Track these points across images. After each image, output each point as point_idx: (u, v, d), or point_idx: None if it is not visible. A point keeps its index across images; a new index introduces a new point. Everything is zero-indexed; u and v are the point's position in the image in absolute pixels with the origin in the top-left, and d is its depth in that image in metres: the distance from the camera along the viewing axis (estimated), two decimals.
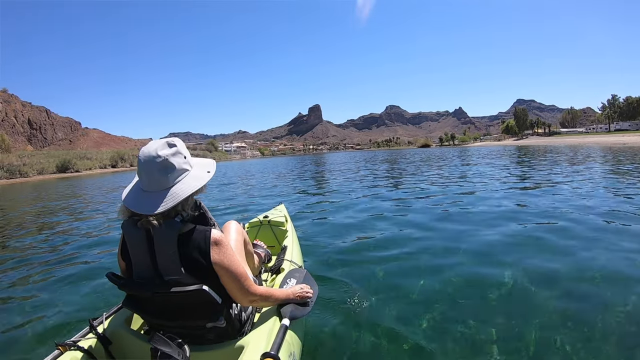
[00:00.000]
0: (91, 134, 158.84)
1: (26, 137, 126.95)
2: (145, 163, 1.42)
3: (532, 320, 2.55)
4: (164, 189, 1.43)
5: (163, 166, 1.42)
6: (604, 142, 48.27)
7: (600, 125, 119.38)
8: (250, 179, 20.50)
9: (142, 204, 1.41)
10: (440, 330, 2.50)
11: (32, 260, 5.16)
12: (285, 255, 2.67)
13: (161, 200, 1.40)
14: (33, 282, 4.15)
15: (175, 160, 1.45)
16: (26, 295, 3.73)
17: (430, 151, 68.55)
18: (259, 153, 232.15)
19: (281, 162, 58.10)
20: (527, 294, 3.01)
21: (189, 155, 1.56)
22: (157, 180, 1.42)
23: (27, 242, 6.58)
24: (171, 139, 1.52)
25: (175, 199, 1.41)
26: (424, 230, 5.27)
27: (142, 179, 1.46)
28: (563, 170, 13.62)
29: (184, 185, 1.46)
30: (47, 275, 4.35)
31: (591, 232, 4.61)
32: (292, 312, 1.80)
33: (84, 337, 1.61)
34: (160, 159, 1.41)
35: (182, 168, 1.48)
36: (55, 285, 3.98)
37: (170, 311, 1.54)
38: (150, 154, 1.42)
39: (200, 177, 1.54)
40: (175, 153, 1.47)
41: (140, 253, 1.47)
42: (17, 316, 3.21)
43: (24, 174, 61.43)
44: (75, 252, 5.40)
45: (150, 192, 1.43)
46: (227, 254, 1.49)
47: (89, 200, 14.59)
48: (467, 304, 2.87)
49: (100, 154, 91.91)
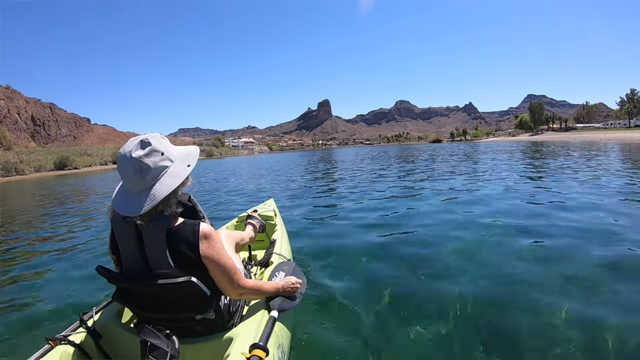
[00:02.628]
0: (96, 130, 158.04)
1: (29, 133, 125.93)
2: (122, 165, 1.41)
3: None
4: (144, 189, 1.40)
5: (138, 168, 1.38)
6: (631, 139, 43.92)
7: (618, 120, 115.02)
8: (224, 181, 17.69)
9: (126, 205, 1.41)
10: (425, 320, 2.64)
11: (20, 255, 5.47)
12: (274, 248, 2.69)
13: (142, 201, 1.38)
14: (22, 277, 4.32)
15: (150, 160, 1.40)
16: (16, 291, 3.83)
17: (446, 147, 65.40)
18: (267, 148, 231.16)
19: (285, 158, 55.91)
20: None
21: (169, 148, 1.50)
22: (134, 181, 1.39)
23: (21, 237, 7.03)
24: (146, 136, 1.44)
25: (154, 200, 1.38)
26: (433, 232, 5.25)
27: (123, 180, 1.45)
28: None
29: (161, 185, 1.42)
30: (37, 270, 4.52)
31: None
32: (281, 305, 1.83)
33: (74, 332, 1.64)
34: (133, 161, 1.37)
35: (158, 166, 1.42)
36: (45, 280, 4.14)
37: (159, 304, 1.55)
38: (124, 155, 1.39)
39: (178, 173, 1.48)
40: (150, 152, 1.40)
41: (129, 247, 1.48)
42: (8, 311, 3.30)
43: (21, 172, 60.34)
44: (69, 249, 5.57)
45: (133, 193, 1.41)
46: (216, 248, 1.49)
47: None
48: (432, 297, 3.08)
49: (102, 150, 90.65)
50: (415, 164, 21.45)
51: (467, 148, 48.68)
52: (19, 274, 4.43)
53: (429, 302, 2.91)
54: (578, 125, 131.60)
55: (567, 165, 14.05)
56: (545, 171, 12.70)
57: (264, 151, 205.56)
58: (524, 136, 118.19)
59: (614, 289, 2.99)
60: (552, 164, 15.38)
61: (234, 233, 2.29)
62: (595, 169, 12.30)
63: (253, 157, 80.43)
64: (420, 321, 2.62)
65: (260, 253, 3.08)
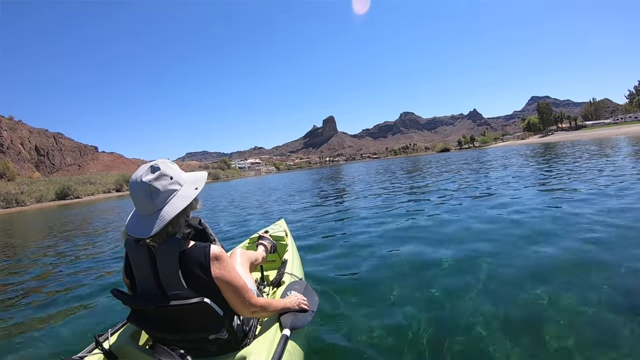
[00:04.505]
0: (101, 157, 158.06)
1: (34, 163, 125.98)
2: (133, 190, 1.48)
3: None
4: (154, 212, 1.46)
5: (148, 192, 1.45)
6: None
7: (629, 114, 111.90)
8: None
9: (137, 228, 1.47)
10: (443, 342, 2.43)
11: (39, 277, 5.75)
12: (285, 268, 2.68)
13: (152, 223, 1.44)
14: (41, 299, 4.44)
15: (160, 184, 1.47)
16: (33, 313, 3.95)
17: (458, 155, 62.28)
18: (275, 168, 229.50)
19: (290, 178, 54.45)
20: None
21: (178, 173, 1.57)
22: (145, 204, 1.46)
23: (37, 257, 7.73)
24: (156, 162, 1.53)
25: (163, 221, 1.44)
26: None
27: (135, 204, 1.51)
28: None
29: (170, 207, 1.48)
30: (55, 293, 4.66)
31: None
32: (293, 322, 1.84)
33: (90, 353, 1.66)
34: (144, 185, 1.45)
35: (168, 190, 1.49)
36: (63, 302, 4.19)
37: (173, 324, 1.57)
38: (136, 180, 1.48)
39: (186, 196, 1.55)
40: (159, 177, 1.48)
41: (143, 270, 1.52)
42: (26, 332, 3.40)
43: (21, 203, 59.51)
44: (84, 272, 5.67)
45: (144, 216, 1.48)
46: (227, 268, 1.53)
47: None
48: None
49: (105, 177, 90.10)
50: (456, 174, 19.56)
51: (484, 154, 46.66)
52: (34, 295, 4.66)
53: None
54: (587, 123, 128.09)
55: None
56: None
57: (271, 171, 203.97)
58: (534, 138, 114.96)
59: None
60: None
61: (249, 252, 2.33)
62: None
63: (260, 178, 79.18)
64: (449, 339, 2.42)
65: (272, 273, 3.06)
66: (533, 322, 2.51)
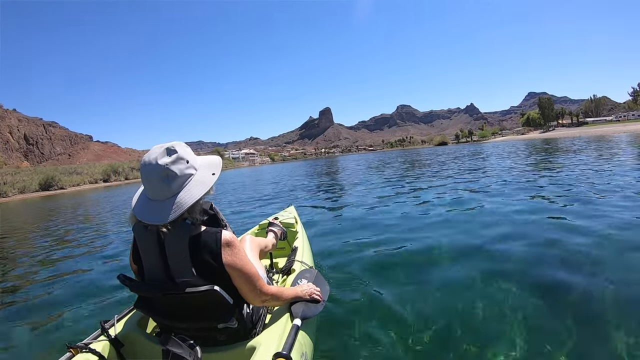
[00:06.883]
0: (92, 147, 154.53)
1: (22, 153, 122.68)
2: (146, 172, 1.39)
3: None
4: (169, 197, 1.39)
5: (164, 175, 1.37)
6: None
7: (632, 112, 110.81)
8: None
9: (149, 213, 1.39)
10: (464, 330, 2.39)
11: (42, 263, 5.65)
12: (295, 256, 2.63)
13: (167, 209, 1.36)
14: (45, 284, 4.35)
15: (177, 168, 1.39)
16: (38, 299, 3.86)
17: (457, 148, 60.31)
18: (269, 159, 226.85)
19: (285, 169, 52.08)
20: None
21: (193, 157, 1.49)
22: (160, 189, 1.38)
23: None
24: (171, 144, 1.43)
25: (181, 208, 1.37)
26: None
27: (146, 188, 1.44)
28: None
29: (187, 193, 1.40)
30: (60, 279, 4.55)
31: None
32: (304, 312, 1.79)
33: (95, 340, 1.62)
34: (160, 168, 1.36)
35: (184, 174, 1.42)
36: (68, 288, 4.10)
37: (181, 312, 1.52)
38: (150, 162, 1.38)
39: (205, 182, 1.48)
40: (176, 160, 1.40)
41: (151, 256, 1.46)
42: (30, 318, 3.34)
43: (3, 194, 56.83)
44: (88, 258, 5.60)
45: (156, 201, 1.40)
46: (238, 255, 1.47)
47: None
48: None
49: (92, 167, 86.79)
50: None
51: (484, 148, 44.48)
52: (40, 280, 4.60)
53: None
54: (589, 120, 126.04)
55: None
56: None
57: (265, 162, 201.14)
58: (535, 134, 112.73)
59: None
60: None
61: (258, 239, 2.28)
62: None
63: (253, 169, 76.91)
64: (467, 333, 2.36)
65: (282, 261, 3.01)
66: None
